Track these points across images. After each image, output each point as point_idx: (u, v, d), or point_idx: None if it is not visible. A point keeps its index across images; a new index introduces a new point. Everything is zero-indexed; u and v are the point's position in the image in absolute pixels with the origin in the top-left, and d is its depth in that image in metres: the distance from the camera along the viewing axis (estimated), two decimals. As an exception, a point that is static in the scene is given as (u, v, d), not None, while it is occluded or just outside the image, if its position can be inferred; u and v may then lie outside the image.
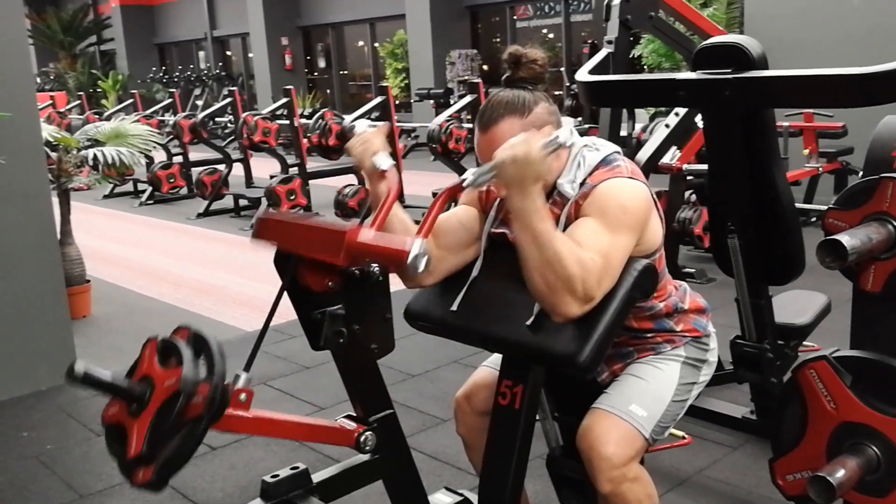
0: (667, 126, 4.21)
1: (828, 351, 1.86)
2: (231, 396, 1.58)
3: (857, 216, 1.81)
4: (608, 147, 1.84)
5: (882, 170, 1.84)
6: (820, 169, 6.04)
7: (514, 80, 1.81)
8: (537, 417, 1.91)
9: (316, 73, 18.29)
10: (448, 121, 7.09)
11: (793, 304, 2.90)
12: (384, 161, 1.80)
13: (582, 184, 1.76)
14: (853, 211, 1.82)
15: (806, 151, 6.06)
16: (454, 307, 1.85)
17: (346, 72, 17.93)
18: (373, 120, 9.08)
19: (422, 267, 1.48)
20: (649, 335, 1.90)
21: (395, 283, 1.76)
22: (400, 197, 1.87)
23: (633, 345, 1.91)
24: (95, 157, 4.97)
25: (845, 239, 1.68)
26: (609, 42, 3.65)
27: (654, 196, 1.80)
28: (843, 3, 6.92)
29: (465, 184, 1.67)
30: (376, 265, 1.93)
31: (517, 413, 1.79)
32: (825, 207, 1.89)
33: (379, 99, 7.65)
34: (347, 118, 7.52)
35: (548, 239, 1.60)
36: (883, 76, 1.95)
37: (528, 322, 1.70)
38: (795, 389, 1.89)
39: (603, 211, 1.69)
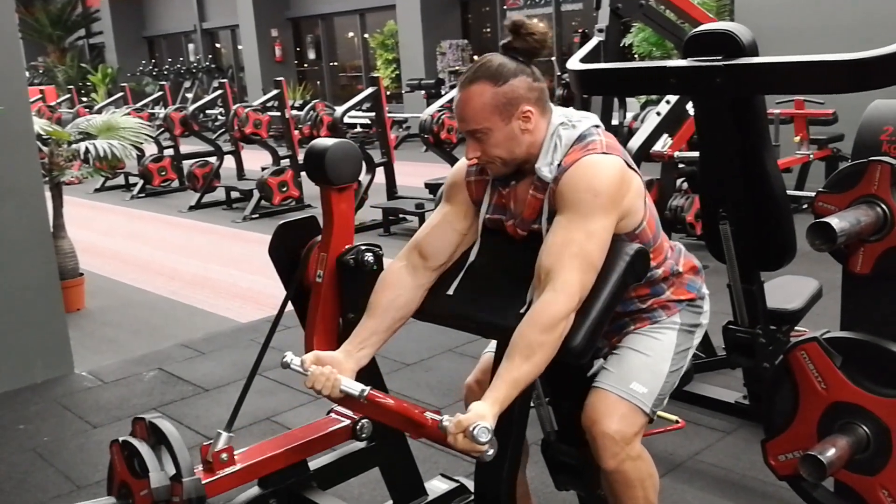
0: (658, 114, 4.21)
1: (818, 332, 1.88)
2: (213, 462, 1.70)
3: (847, 199, 1.83)
4: (586, 121, 1.79)
5: (870, 153, 1.85)
6: (811, 156, 6.05)
7: (508, 49, 1.79)
8: (532, 403, 1.93)
9: (306, 65, 18.22)
10: (439, 111, 7.07)
11: (784, 290, 2.92)
12: (355, 386, 1.66)
13: (560, 165, 1.73)
14: (842, 194, 1.84)
15: (797, 138, 6.07)
16: (450, 292, 1.86)
17: (336, 63, 17.86)
18: (364, 111, 9.04)
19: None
20: (645, 303, 1.91)
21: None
22: (392, 188, 1.89)
23: (629, 315, 1.92)
24: (87, 151, 4.96)
25: (834, 221, 1.70)
26: (600, 31, 3.66)
27: (633, 165, 1.77)
28: (833, -10, 6.94)
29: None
30: (370, 255, 1.97)
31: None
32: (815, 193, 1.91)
33: (370, 90, 7.63)
34: (339, 109, 7.50)
35: (526, 374, 1.63)
36: (875, 61, 1.96)
37: (522, 310, 1.71)
38: (786, 371, 1.91)
39: (574, 203, 1.68)
